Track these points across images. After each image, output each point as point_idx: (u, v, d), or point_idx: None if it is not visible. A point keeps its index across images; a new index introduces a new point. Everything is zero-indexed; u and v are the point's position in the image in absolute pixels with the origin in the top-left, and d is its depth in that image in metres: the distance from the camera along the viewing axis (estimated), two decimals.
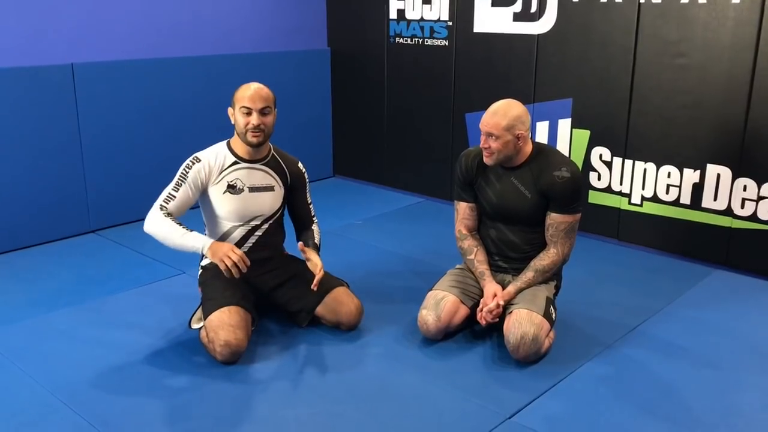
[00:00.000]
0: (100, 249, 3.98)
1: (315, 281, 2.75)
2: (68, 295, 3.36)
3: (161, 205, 2.79)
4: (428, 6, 4.70)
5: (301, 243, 2.86)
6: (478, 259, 2.92)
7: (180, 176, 2.82)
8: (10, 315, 3.14)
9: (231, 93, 2.85)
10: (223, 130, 4.69)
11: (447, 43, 4.67)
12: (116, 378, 2.62)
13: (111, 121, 4.19)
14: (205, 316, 2.75)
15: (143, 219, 2.80)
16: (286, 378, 2.63)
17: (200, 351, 2.80)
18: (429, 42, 4.76)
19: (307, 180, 3.05)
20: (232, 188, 2.84)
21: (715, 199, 3.71)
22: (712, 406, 2.47)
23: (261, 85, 2.82)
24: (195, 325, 2.86)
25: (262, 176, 2.90)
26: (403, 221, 4.56)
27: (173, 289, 3.43)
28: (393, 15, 4.91)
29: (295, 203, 3.04)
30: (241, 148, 2.87)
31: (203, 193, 2.87)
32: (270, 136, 2.86)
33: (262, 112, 2.77)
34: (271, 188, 2.92)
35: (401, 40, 4.91)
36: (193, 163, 2.83)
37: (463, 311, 2.87)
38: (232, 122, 2.83)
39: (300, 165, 3.02)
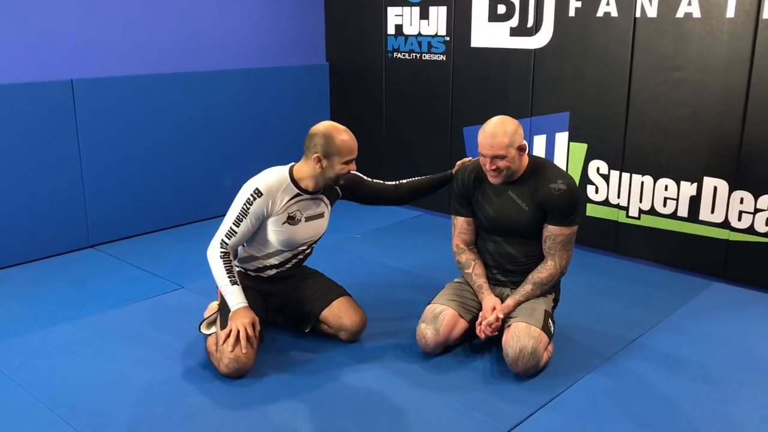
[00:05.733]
0: (99, 264, 3.98)
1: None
2: (67, 309, 3.36)
3: (223, 241, 2.78)
4: (426, 21, 4.73)
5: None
6: (475, 272, 2.92)
7: (242, 210, 2.76)
8: (9, 330, 3.14)
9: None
10: (222, 146, 4.73)
11: (444, 58, 4.69)
12: (115, 392, 2.62)
13: (110, 136, 4.21)
14: (222, 326, 2.76)
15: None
16: (284, 391, 2.63)
17: (199, 365, 2.80)
18: (427, 57, 4.79)
19: (359, 174, 3.06)
20: (291, 219, 2.84)
21: (713, 211, 3.72)
22: (711, 419, 2.47)
23: (348, 130, 2.84)
24: (205, 330, 2.88)
25: (317, 204, 2.91)
26: (402, 235, 4.57)
27: (172, 303, 3.43)
28: (391, 30, 4.94)
29: (362, 195, 3.08)
30: (309, 182, 2.84)
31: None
32: None
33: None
34: (321, 215, 2.94)
35: (399, 55, 4.94)
36: (255, 198, 2.75)
37: (462, 325, 2.87)
38: (318, 167, 2.77)
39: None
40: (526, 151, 2.80)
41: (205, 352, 2.86)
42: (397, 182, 3.15)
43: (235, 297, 2.74)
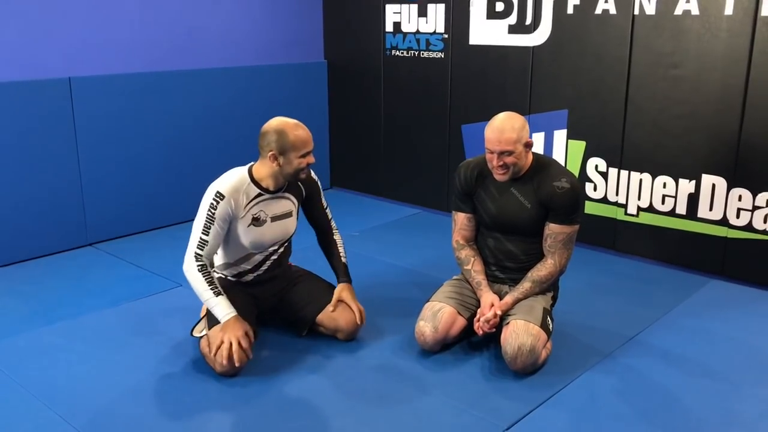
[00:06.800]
0: (97, 262, 3.98)
1: (332, 304, 2.94)
2: (66, 308, 3.35)
3: (196, 254, 2.72)
4: (424, 19, 4.73)
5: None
6: (475, 269, 2.92)
7: (208, 217, 2.72)
8: (7, 328, 3.13)
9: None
10: (220, 144, 4.72)
11: (443, 56, 4.69)
12: (113, 390, 2.62)
13: (108, 134, 4.20)
14: (210, 327, 2.75)
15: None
16: (283, 390, 2.63)
17: (197, 363, 2.80)
18: (425, 54, 4.78)
19: (321, 186, 3.09)
20: (256, 221, 2.82)
21: (711, 209, 3.72)
22: (710, 415, 2.47)
23: (300, 123, 2.81)
24: (197, 334, 2.86)
25: (282, 204, 2.90)
26: (400, 232, 4.56)
27: (170, 302, 3.42)
28: (389, 28, 4.94)
29: (312, 210, 3.07)
30: (269, 181, 2.82)
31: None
32: None
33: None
34: (289, 214, 2.93)
35: (397, 53, 4.93)
36: (218, 201, 2.72)
37: (461, 322, 2.87)
38: (275, 164, 2.74)
39: (312, 174, 3.02)
40: (532, 148, 2.80)
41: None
42: (335, 236, 3.13)
43: (223, 308, 2.68)
